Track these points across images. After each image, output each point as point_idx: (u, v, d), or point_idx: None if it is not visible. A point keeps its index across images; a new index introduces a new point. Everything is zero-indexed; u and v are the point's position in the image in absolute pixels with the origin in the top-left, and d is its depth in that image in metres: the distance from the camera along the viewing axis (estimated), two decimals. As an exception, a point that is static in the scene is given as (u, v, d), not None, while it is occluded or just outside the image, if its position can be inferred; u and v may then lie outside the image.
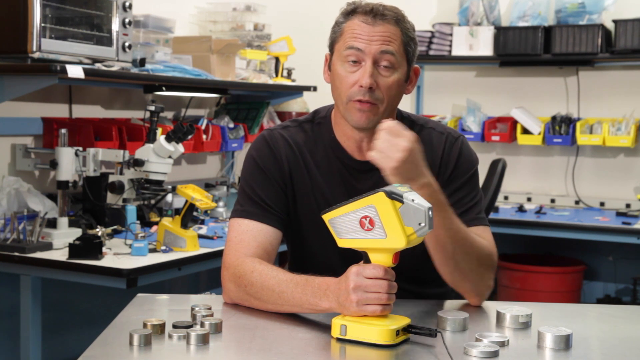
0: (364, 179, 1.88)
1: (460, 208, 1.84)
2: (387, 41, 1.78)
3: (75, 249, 2.80)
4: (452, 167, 1.89)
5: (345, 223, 1.52)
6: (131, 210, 3.02)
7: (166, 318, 1.56)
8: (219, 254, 3.04)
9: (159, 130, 3.20)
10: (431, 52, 4.78)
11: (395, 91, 1.81)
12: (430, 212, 1.47)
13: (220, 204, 3.93)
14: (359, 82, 1.77)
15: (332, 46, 1.85)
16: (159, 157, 3.05)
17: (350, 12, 1.82)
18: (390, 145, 1.62)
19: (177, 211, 3.33)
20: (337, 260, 1.83)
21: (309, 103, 4.75)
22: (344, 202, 1.53)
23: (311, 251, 1.93)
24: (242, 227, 1.82)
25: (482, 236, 1.83)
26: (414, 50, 1.85)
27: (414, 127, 1.89)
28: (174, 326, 1.53)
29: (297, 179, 1.89)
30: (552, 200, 4.76)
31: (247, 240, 1.80)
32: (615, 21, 4.37)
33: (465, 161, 1.90)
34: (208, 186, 4.27)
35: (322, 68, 1.90)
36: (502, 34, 4.59)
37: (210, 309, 1.61)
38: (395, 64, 1.79)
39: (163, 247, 2.99)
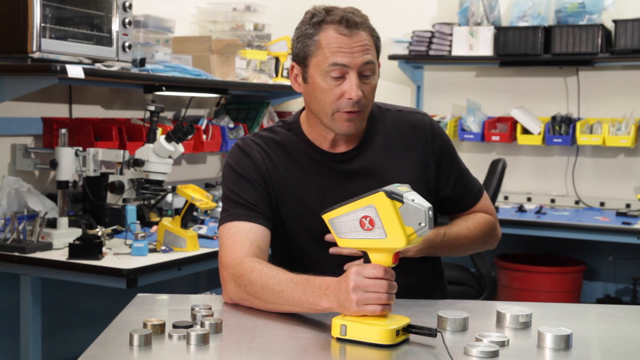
0: (343, 167, 1.92)
1: (465, 186, 2.03)
2: (366, 50, 1.81)
3: (75, 249, 2.80)
4: (440, 145, 1.98)
5: (345, 223, 1.53)
6: (131, 210, 3.02)
7: (166, 318, 1.56)
8: (219, 254, 3.04)
9: (159, 130, 3.20)
10: (431, 52, 4.78)
11: (374, 92, 1.88)
12: (430, 212, 1.47)
13: (220, 204, 3.93)
14: (347, 95, 1.80)
15: (305, 59, 1.84)
16: (159, 157, 3.05)
17: (319, 23, 1.82)
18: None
19: (177, 211, 3.33)
20: (323, 258, 1.87)
21: (309, 103, 4.74)
22: (344, 202, 1.53)
23: (297, 251, 1.94)
24: (233, 229, 1.83)
25: (483, 209, 2.08)
26: (380, 46, 1.90)
27: (383, 112, 1.98)
28: (174, 326, 1.53)
29: (277, 181, 1.91)
30: (552, 200, 4.76)
31: (240, 240, 1.81)
32: (615, 21, 4.37)
33: (446, 138, 2.02)
34: (208, 186, 4.27)
35: (289, 78, 1.92)
36: (502, 34, 4.59)
37: (210, 309, 1.61)
38: (374, 69, 1.85)
39: (163, 247, 2.99)
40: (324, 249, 1.86)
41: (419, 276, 1.98)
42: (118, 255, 2.88)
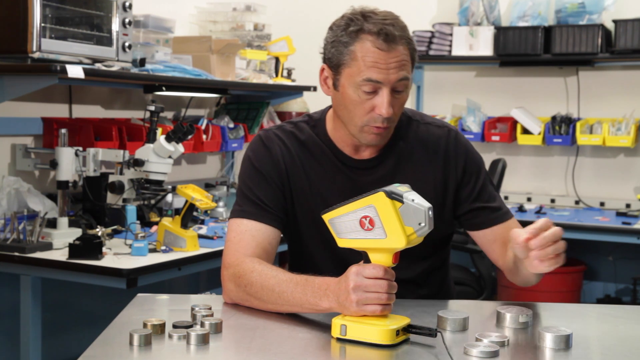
0: (363, 175, 1.89)
1: (488, 201, 1.91)
2: (402, 66, 1.75)
3: (75, 249, 2.80)
4: (464, 161, 1.91)
5: (345, 223, 1.52)
6: (131, 210, 3.02)
7: (166, 318, 1.55)
8: (219, 254, 3.04)
9: (159, 130, 3.20)
10: (431, 52, 4.78)
11: (404, 106, 1.84)
12: (430, 212, 1.47)
13: (220, 204, 3.93)
14: (378, 111, 1.76)
15: (338, 66, 1.79)
16: (159, 157, 3.05)
17: (356, 32, 1.75)
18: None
19: (177, 211, 3.33)
20: (336, 259, 1.85)
21: (309, 103, 4.75)
22: (344, 202, 1.53)
23: (309, 251, 1.94)
24: (242, 227, 1.83)
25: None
26: (416, 57, 1.83)
27: (411, 123, 1.93)
28: (174, 326, 1.53)
29: (294, 178, 1.90)
30: (552, 200, 4.75)
31: (247, 240, 1.80)
32: (615, 21, 4.37)
33: (472, 153, 1.94)
34: (208, 186, 4.27)
35: (319, 79, 1.87)
36: (502, 34, 4.59)
37: (210, 309, 1.61)
38: (408, 84, 1.79)
39: (163, 247, 2.99)
40: (336, 252, 1.81)
41: (427, 290, 1.98)
42: (118, 255, 2.88)
